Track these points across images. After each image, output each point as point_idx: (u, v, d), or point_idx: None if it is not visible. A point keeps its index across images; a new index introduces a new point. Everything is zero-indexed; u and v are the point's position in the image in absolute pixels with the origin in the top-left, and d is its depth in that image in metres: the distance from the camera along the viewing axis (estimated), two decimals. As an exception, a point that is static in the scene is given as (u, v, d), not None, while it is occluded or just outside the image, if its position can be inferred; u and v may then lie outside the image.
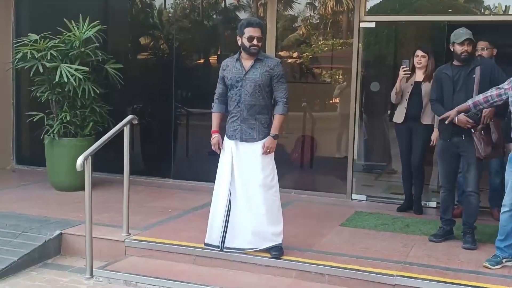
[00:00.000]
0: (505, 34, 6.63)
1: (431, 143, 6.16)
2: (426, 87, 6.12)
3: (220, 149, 4.97)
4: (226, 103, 4.99)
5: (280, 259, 4.82)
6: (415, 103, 6.18)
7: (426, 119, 6.18)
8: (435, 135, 6.08)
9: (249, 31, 4.79)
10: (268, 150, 4.82)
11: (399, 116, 6.32)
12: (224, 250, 4.91)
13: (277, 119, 4.87)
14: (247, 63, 4.85)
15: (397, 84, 6.20)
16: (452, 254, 5.02)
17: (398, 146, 6.52)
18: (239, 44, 4.87)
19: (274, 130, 4.86)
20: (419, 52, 6.19)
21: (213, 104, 5.07)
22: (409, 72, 6.16)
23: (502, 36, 6.44)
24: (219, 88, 5.03)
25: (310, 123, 7.75)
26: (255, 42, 4.77)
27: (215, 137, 4.97)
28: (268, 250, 4.87)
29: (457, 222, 5.46)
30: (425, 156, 6.35)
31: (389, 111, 7.34)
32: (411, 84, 6.23)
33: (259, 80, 4.80)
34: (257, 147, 4.83)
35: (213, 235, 4.97)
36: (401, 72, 6.13)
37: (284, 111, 4.86)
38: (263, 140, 4.83)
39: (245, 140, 4.85)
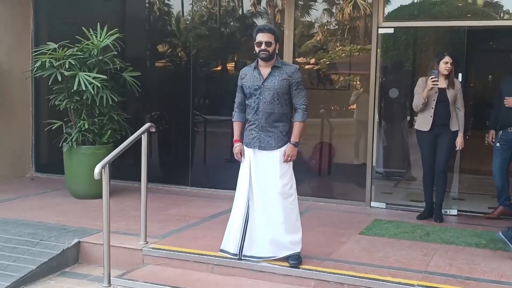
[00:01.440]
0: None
1: (457, 147, 6.19)
2: (451, 94, 6.11)
3: (243, 158, 4.94)
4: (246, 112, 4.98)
5: (299, 268, 4.76)
6: (443, 110, 6.12)
7: (454, 126, 6.15)
8: (460, 140, 6.14)
9: (258, 37, 4.77)
10: (289, 158, 4.78)
11: (424, 124, 6.21)
12: (242, 258, 4.87)
13: (296, 127, 4.83)
14: (265, 70, 4.82)
15: (424, 95, 6.09)
16: (473, 263, 4.94)
17: (421, 152, 6.41)
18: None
19: (294, 137, 4.81)
20: (448, 59, 6.10)
21: (233, 113, 5.04)
22: (438, 83, 6.07)
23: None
24: (238, 97, 5.00)
25: (328, 130, 7.70)
26: (263, 47, 4.73)
27: (237, 146, 4.94)
28: (286, 259, 4.81)
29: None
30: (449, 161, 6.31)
31: (408, 117, 7.28)
32: (436, 92, 6.14)
33: (277, 88, 4.76)
34: (276, 155, 4.79)
35: (229, 242, 4.94)
36: (429, 83, 6.03)
37: (303, 118, 4.82)
38: (282, 148, 4.79)
39: (264, 148, 4.81)
